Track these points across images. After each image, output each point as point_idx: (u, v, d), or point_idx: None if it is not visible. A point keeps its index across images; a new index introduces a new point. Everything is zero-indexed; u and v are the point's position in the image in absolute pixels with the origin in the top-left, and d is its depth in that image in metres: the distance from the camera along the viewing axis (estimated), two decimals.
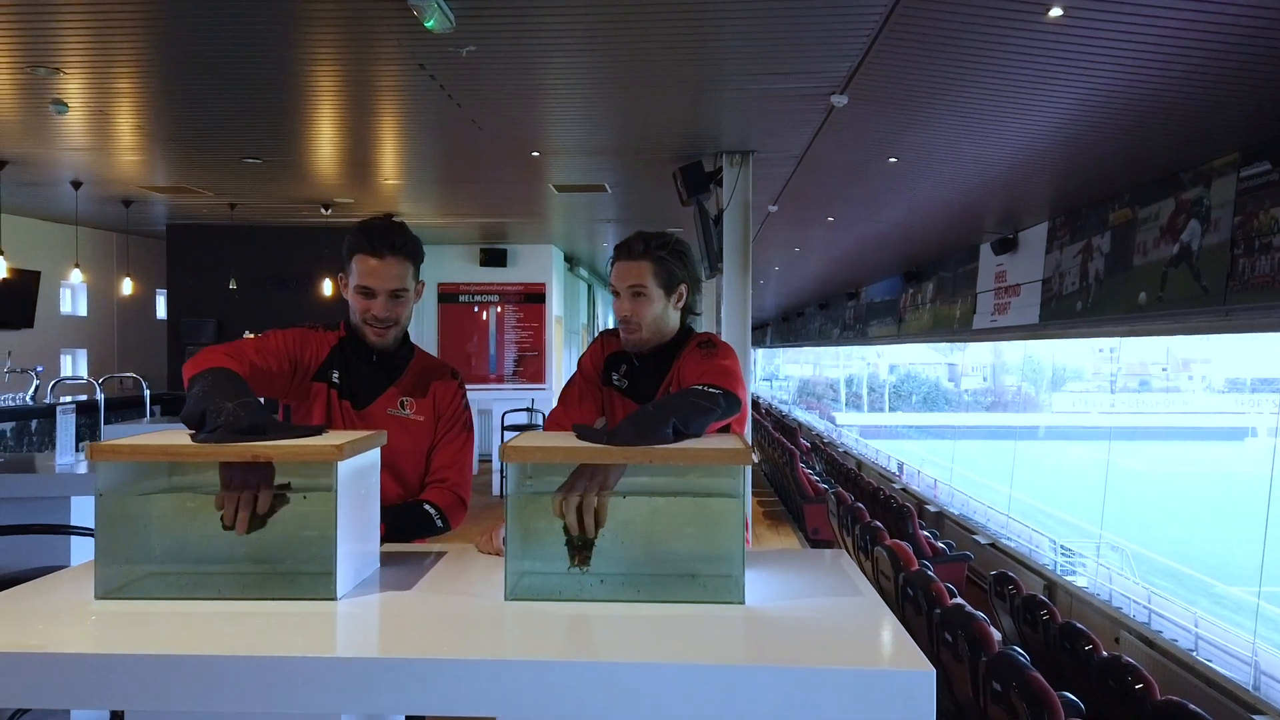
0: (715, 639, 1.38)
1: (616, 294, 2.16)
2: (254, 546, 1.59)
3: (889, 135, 5.62)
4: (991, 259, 8.78)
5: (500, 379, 11.37)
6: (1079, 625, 4.48)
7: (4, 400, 7.37)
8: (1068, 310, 7.17)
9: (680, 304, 2.16)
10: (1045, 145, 5.55)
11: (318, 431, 1.65)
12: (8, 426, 6.87)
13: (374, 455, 1.73)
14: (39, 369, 7.98)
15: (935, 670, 1.22)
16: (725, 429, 1.86)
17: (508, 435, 10.07)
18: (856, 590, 1.60)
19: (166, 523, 1.62)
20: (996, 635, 3.36)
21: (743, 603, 1.50)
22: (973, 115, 5.03)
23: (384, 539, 1.99)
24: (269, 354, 2.02)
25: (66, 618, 1.42)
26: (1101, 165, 5.95)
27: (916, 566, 4.27)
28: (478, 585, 1.64)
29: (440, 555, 1.86)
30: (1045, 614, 4.71)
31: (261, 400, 1.75)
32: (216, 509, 1.58)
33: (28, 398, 7.61)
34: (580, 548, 1.57)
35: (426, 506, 2.14)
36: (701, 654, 1.31)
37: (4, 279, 7.76)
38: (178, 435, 1.60)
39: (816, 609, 1.51)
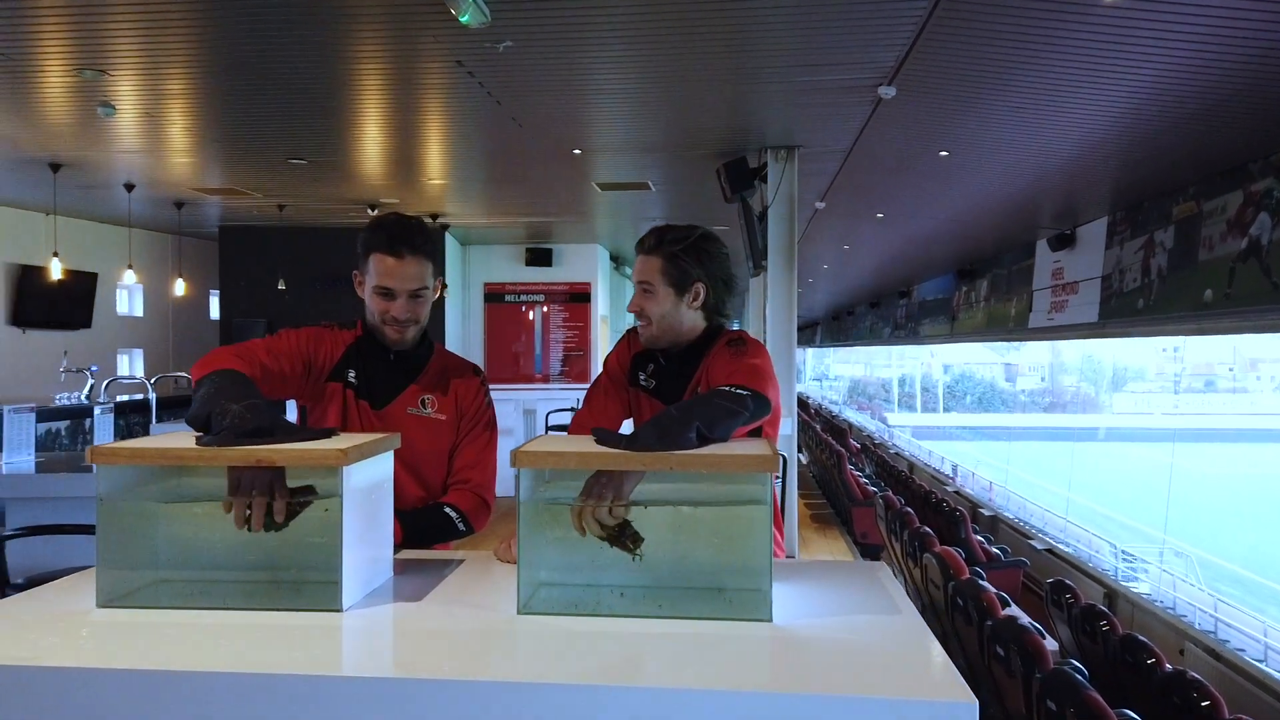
0: (740, 661, 1.28)
1: None
2: (260, 553, 1.53)
3: (939, 128, 5.44)
4: (1048, 255, 8.51)
5: (546, 379, 11.34)
6: (1141, 637, 4.28)
7: (60, 399, 7.52)
8: (1129, 308, 6.90)
9: (697, 303, 2.05)
10: (1104, 136, 5.33)
11: (327, 434, 1.59)
12: (62, 425, 7.01)
13: (386, 459, 1.66)
14: (94, 368, 8.13)
15: (978, 702, 1.11)
16: (755, 432, 1.76)
17: (551, 435, 10.05)
18: (895, 608, 1.49)
19: (170, 528, 1.57)
20: (1052, 646, 3.20)
21: (770, 620, 1.40)
22: (1027, 106, 4.84)
23: (403, 544, 1.93)
24: (280, 355, 1.97)
25: (63, 628, 1.37)
26: (1164, 156, 5.70)
27: (967, 575, 4.10)
28: (492, 597, 1.56)
29: (458, 563, 1.79)
30: (1105, 625, 4.51)
31: (270, 402, 1.69)
32: (225, 512, 1.52)
33: (83, 396, 7.76)
34: (622, 538, 1.48)
35: (447, 509, 2.07)
36: (723, 679, 1.21)
37: (61, 280, 7.94)
38: (183, 438, 1.55)
39: (850, 628, 1.40)
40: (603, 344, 11.77)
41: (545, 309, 11.38)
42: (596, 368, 11.30)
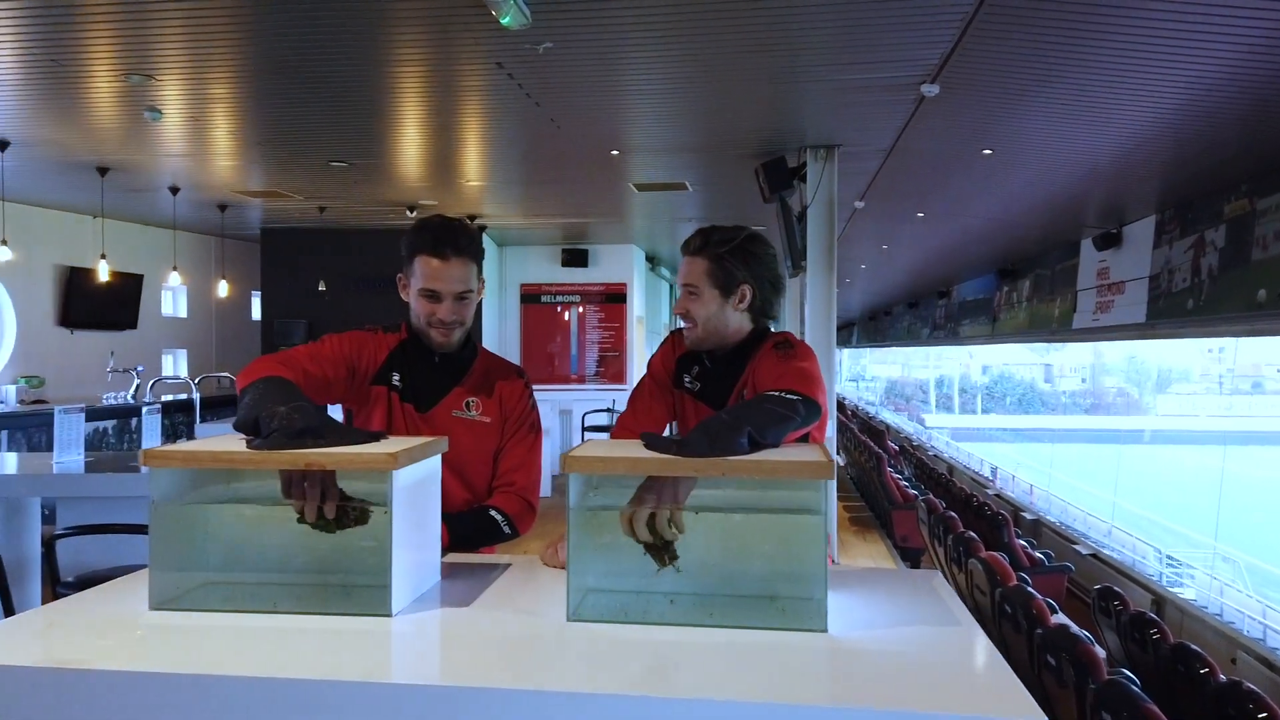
0: (796, 673, 1.25)
1: None
2: (309, 557, 1.53)
3: (983, 125, 5.35)
4: (1093, 255, 8.35)
5: (581, 379, 11.35)
6: (1193, 646, 4.16)
7: (107, 399, 7.66)
8: (1178, 309, 6.74)
9: (743, 305, 2.02)
10: (1154, 133, 5.20)
11: (376, 437, 1.58)
12: (109, 424, 7.14)
13: (434, 462, 1.65)
14: (139, 369, 8.27)
15: (1047, 719, 1.07)
16: (804, 438, 1.73)
17: (589, 436, 10.05)
18: (953, 618, 1.45)
19: (220, 531, 1.57)
20: (1100, 654, 3.12)
21: (825, 630, 1.36)
22: (1075, 102, 4.74)
23: (449, 547, 1.92)
24: (324, 361, 1.97)
25: (115, 631, 1.38)
26: (1216, 153, 5.56)
27: (1015, 581, 4.02)
28: (540, 603, 1.54)
29: (505, 568, 1.77)
30: (1155, 633, 4.40)
31: (317, 406, 1.69)
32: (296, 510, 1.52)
33: (129, 396, 7.90)
34: (662, 552, 1.46)
35: (493, 513, 2.06)
36: (781, 691, 1.18)
37: (108, 282, 8.09)
38: (233, 442, 1.55)
39: (908, 640, 1.37)
40: (639, 345, 11.75)
41: (581, 309, 11.39)
42: (632, 368, 11.33)
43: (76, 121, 5.50)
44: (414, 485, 1.54)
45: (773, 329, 2.12)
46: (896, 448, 15.10)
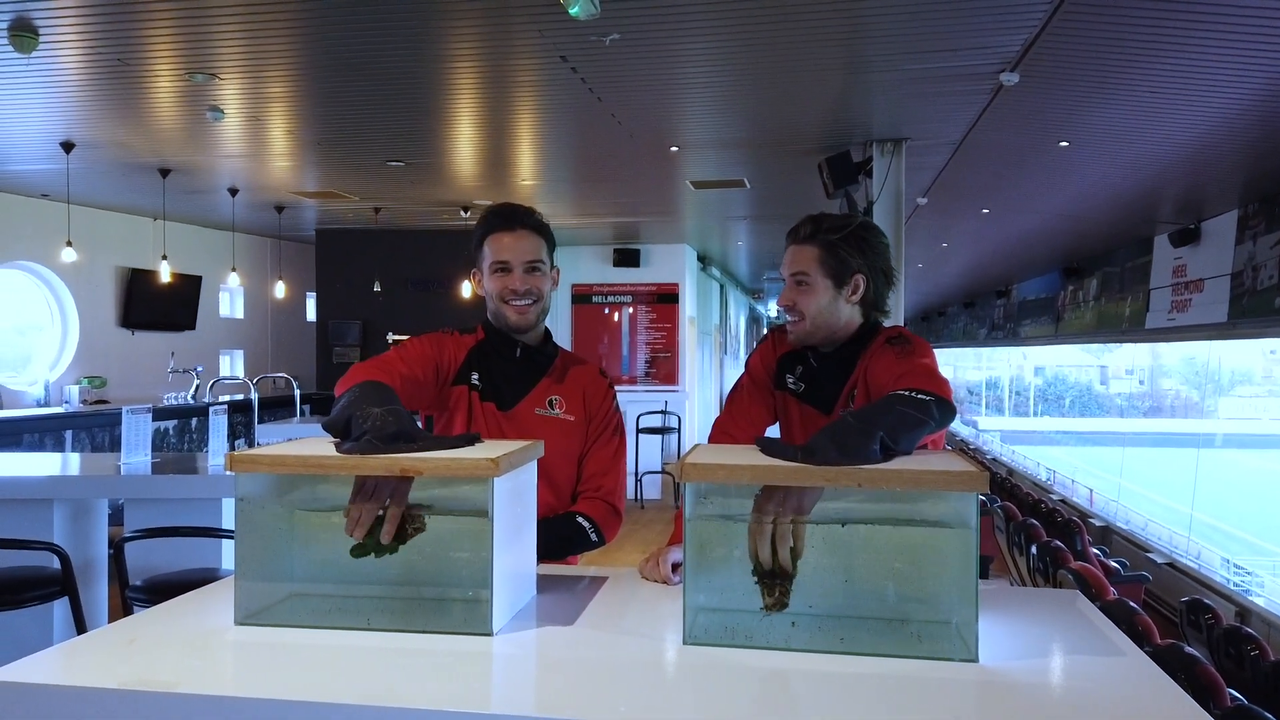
0: (953, 712, 1.11)
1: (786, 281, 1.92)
2: (403, 568, 1.43)
3: (1062, 116, 5.13)
4: (1168, 252, 8.03)
5: (633, 380, 11.24)
6: None
7: (168, 399, 7.72)
8: (1264, 307, 6.43)
9: (856, 297, 1.88)
10: (1243, 122, 4.95)
11: (471, 442, 1.47)
12: (170, 425, 7.18)
13: (531, 469, 1.54)
14: (199, 369, 8.34)
15: None
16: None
17: (642, 438, 9.93)
18: (1114, 646, 1.30)
19: (306, 539, 1.47)
20: (1218, 676, 2.91)
21: (976, 660, 1.22)
22: (1161, 87, 4.51)
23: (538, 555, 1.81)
24: (414, 361, 1.89)
25: (202, 648, 1.29)
26: None
27: (1113, 594, 3.81)
28: (648, 622, 1.42)
29: (602, 581, 1.66)
30: (1253, 649, 4.16)
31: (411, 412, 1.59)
32: (350, 520, 1.40)
33: (189, 396, 7.96)
34: (774, 583, 1.32)
35: (580, 519, 1.95)
36: None
37: (169, 283, 8.17)
38: (321, 444, 1.45)
39: (1071, 672, 1.22)
40: (690, 345, 11.61)
41: (632, 310, 11.28)
42: (685, 369, 11.19)
43: (140, 122, 5.52)
44: (513, 492, 1.43)
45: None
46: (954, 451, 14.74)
